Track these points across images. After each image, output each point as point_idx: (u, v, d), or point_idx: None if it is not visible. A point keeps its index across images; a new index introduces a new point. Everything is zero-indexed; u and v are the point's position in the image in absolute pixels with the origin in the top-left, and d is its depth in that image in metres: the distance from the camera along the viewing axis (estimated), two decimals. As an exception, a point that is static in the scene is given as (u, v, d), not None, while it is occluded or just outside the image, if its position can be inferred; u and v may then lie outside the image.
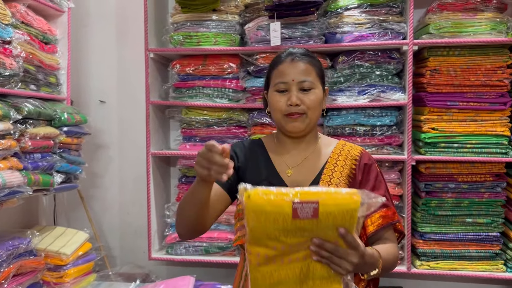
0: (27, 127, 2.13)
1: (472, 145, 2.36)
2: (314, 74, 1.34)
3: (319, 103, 1.33)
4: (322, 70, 1.39)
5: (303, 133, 1.37)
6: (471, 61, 2.37)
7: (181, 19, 2.60)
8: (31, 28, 2.33)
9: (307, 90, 1.32)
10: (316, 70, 1.35)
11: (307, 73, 1.32)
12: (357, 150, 1.39)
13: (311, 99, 1.31)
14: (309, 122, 1.33)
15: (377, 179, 1.35)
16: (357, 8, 2.44)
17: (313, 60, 1.36)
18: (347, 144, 1.42)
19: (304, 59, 1.34)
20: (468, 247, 2.41)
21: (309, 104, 1.31)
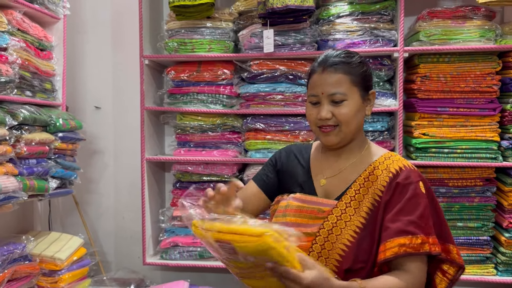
0: (22, 133, 2.15)
1: (462, 150, 2.40)
2: (348, 84, 1.26)
3: (353, 114, 1.26)
4: (360, 76, 1.29)
5: (340, 145, 1.32)
6: (460, 67, 2.41)
7: (176, 26, 2.63)
8: (27, 35, 2.35)
9: (339, 103, 1.26)
10: (351, 78, 1.27)
11: (338, 84, 1.25)
12: (396, 166, 1.27)
13: (342, 112, 1.25)
14: (344, 135, 1.28)
15: (410, 201, 1.22)
16: (348, 16, 2.48)
17: (347, 67, 1.27)
18: (392, 157, 1.31)
19: (336, 68, 1.26)
20: (459, 251, 2.44)
21: (341, 118, 1.25)
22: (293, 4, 2.29)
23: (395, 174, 1.26)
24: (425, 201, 1.23)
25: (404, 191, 1.23)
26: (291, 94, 2.53)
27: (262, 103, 2.57)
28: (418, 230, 1.19)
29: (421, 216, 1.21)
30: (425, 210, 1.22)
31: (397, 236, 1.18)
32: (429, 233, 1.21)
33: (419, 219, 1.20)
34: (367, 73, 1.33)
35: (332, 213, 1.27)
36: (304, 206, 1.32)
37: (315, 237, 1.26)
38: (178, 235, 2.69)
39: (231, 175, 2.64)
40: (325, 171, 1.36)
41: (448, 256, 1.28)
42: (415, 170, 1.29)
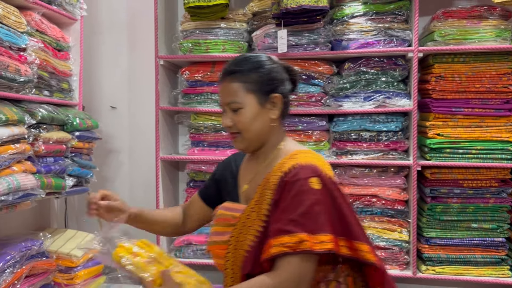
0: (40, 131, 2.19)
1: (477, 150, 2.38)
2: (242, 92, 1.28)
3: (250, 121, 1.28)
4: (256, 82, 1.29)
5: (250, 150, 1.35)
6: (476, 67, 2.40)
7: (190, 27, 2.66)
8: (45, 35, 2.39)
9: (237, 111, 1.29)
10: (246, 86, 1.28)
11: (233, 93, 1.28)
12: (290, 164, 1.24)
13: (239, 120, 1.28)
14: (248, 142, 1.31)
15: (294, 199, 1.18)
16: (363, 16, 2.49)
17: (240, 75, 1.29)
18: (294, 156, 1.29)
19: (230, 77, 1.29)
20: (473, 252, 2.42)
21: (239, 125, 1.29)
22: (307, 4, 2.30)
23: (286, 172, 1.23)
24: (313, 197, 1.17)
25: (290, 189, 1.20)
26: (305, 94, 2.54)
27: (275, 103, 2.58)
28: (296, 228, 1.15)
29: (305, 213, 1.16)
30: (313, 206, 1.17)
31: (276, 235, 1.16)
32: (314, 230, 1.15)
33: (301, 217, 1.16)
34: (267, 78, 1.31)
35: (240, 219, 1.28)
36: (224, 214, 1.34)
37: (228, 245, 1.29)
38: (191, 234, 2.71)
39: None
40: (246, 177, 1.39)
41: (355, 254, 1.20)
42: (310, 167, 1.22)
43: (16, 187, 1.96)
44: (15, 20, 2.10)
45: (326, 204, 1.19)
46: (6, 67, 2.01)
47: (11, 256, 2.08)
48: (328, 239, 1.15)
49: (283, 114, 1.36)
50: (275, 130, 1.34)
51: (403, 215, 2.49)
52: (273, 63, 1.34)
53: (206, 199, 1.52)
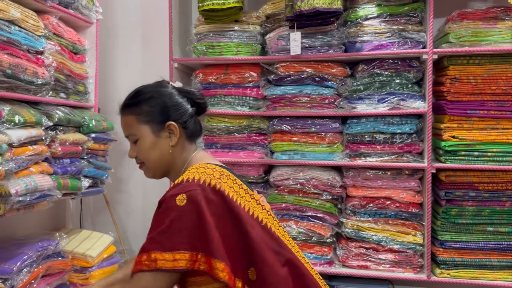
0: (57, 133, 2.22)
1: (493, 153, 2.36)
2: (135, 124, 1.34)
3: (147, 151, 1.34)
4: (149, 113, 1.33)
5: (157, 177, 1.41)
6: (491, 69, 2.37)
7: (204, 30, 2.68)
8: (62, 39, 2.43)
9: (136, 142, 1.36)
10: (138, 118, 1.34)
11: (127, 127, 1.37)
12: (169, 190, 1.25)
13: (139, 150, 1.35)
14: (153, 170, 1.38)
15: (156, 217, 1.22)
16: (376, 17, 2.48)
17: (132, 109, 1.35)
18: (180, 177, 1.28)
19: (125, 111, 1.38)
20: (489, 256, 2.39)
21: (140, 155, 1.36)
22: (321, 6, 2.30)
23: (164, 195, 1.25)
24: (175, 214, 1.18)
25: (159, 208, 1.23)
26: (318, 96, 2.54)
27: (288, 105, 2.58)
28: (152, 246, 1.17)
29: (163, 231, 1.17)
30: (171, 224, 1.17)
31: (139, 254, 1.20)
32: (171, 248, 1.16)
33: (159, 235, 1.18)
34: (158, 108, 1.34)
35: None
36: None
37: None
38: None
39: (257, 176, 2.67)
40: None
41: (210, 271, 1.18)
42: (183, 184, 1.22)
43: (33, 187, 1.99)
44: (33, 23, 2.14)
45: (188, 220, 1.18)
46: (24, 69, 2.04)
47: (28, 256, 2.11)
48: (183, 257, 1.16)
49: (190, 136, 1.39)
50: (177, 154, 1.37)
51: (417, 218, 2.48)
52: (170, 90, 1.38)
53: None
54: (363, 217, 2.51)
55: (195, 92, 1.43)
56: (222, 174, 1.29)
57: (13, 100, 2.06)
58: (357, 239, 2.51)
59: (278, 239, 1.27)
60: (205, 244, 1.18)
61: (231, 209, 1.23)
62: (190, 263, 1.16)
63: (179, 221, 1.17)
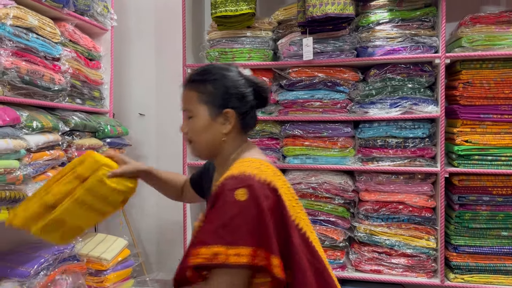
0: (73, 138, 2.26)
1: (507, 157, 2.34)
2: (195, 101, 1.29)
3: (199, 131, 1.30)
4: (211, 94, 1.29)
5: (203, 158, 1.39)
6: (505, 73, 2.36)
7: (217, 36, 2.71)
8: (77, 45, 2.47)
9: (190, 118, 1.32)
10: (199, 96, 1.29)
11: (187, 101, 1.32)
12: (225, 176, 1.22)
13: (190, 128, 1.32)
14: (198, 150, 1.35)
15: (217, 210, 1.16)
16: (388, 22, 2.48)
17: (196, 85, 1.31)
18: (233, 168, 1.25)
19: (189, 85, 1.33)
20: (503, 261, 2.37)
21: (191, 134, 1.33)
22: (333, 12, 2.32)
23: (219, 186, 1.20)
24: (237, 209, 1.15)
25: (217, 201, 1.18)
26: (330, 101, 2.55)
27: (300, 109, 2.60)
28: (214, 240, 1.13)
29: (225, 225, 1.14)
30: (233, 219, 1.14)
31: (197, 246, 1.15)
32: (233, 243, 1.13)
33: (221, 228, 1.14)
34: (222, 91, 1.29)
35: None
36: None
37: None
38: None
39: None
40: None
41: (268, 266, 1.16)
42: (241, 177, 1.19)
43: (50, 192, 2.03)
44: (50, 31, 2.19)
45: (249, 216, 1.15)
46: (41, 76, 2.09)
47: (45, 259, 2.15)
48: (245, 252, 1.12)
49: (244, 127, 1.34)
50: (228, 142, 1.33)
51: (430, 222, 2.47)
52: (237, 77, 1.32)
53: (195, 188, 1.63)
54: (375, 222, 2.51)
55: (262, 85, 1.36)
56: (275, 173, 1.28)
57: (31, 106, 2.11)
58: (370, 243, 2.51)
59: (313, 248, 1.27)
60: (265, 240, 1.16)
61: (282, 209, 1.21)
62: (251, 258, 1.13)
63: (240, 216, 1.14)
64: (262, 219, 1.15)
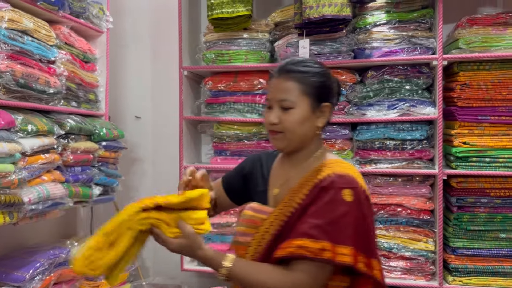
0: (69, 141, 2.24)
1: (504, 159, 2.35)
2: (298, 92, 1.26)
3: (299, 123, 1.26)
4: (314, 86, 1.28)
5: (289, 150, 1.33)
6: (502, 75, 2.36)
7: (214, 38, 2.70)
8: (73, 48, 2.45)
9: (287, 110, 1.26)
10: (302, 88, 1.26)
11: (288, 92, 1.26)
12: (325, 172, 1.24)
13: (288, 119, 1.26)
14: (289, 142, 1.29)
15: (325, 205, 1.18)
16: (385, 24, 2.48)
17: (300, 76, 1.27)
18: (329, 165, 1.28)
19: (288, 75, 1.27)
20: (502, 263, 2.37)
21: (286, 124, 1.26)
22: (330, 14, 2.31)
23: (321, 180, 1.23)
24: (345, 208, 1.18)
25: (323, 196, 1.20)
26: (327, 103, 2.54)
27: (298, 112, 2.59)
28: (321, 235, 1.15)
29: (333, 222, 1.16)
30: (341, 217, 1.17)
31: (299, 237, 1.16)
32: (339, 241, 1.15)
33: (328, 225, 1.16)
34: (324, 85, 1.30)
35: (267, 219, 1.27)
36: (252, 216, 1.32)
37: (248, 246, 1.28)
38: (214, 242, 2.73)
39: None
40: (278, 180, 1.36)
41: (369, 271, 1.20)
42: (346, 177, 1.22)
43: (46, 196, 2.01)
44: (45, 33, 2.17)
45: (355, 217, 1.18)
46: (36, 79, 2.07)
47: (40, 264, 2.14)
48: (349, 253, 1.15)
49: (328, 123, 1.36)
50: (316, 138, 1.33)
51: (428, 224, 2.46)
52: (329, 73, 1.34)
53: (228, 191, 1.49)
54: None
55: (340, 85, 1.41)
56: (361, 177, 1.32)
57: (26, 109, 2.09)
58: (368, 246, 2.50)
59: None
60: (366, 243, 1.20)
61: (372, 214, 1.29)
62: (353, 259, 1.15)
63: (348, 216, 1.17)
64: (365, 222, 1.21)
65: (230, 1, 2.50)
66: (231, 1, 2.50)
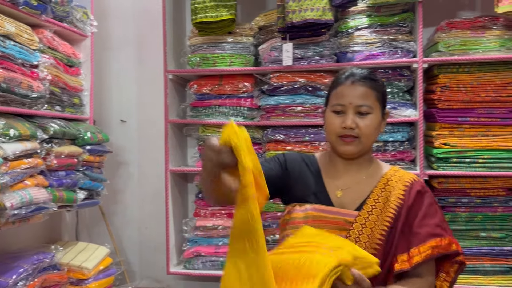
0: (52, 146, 2.24)
1: (484, 160, 2.39)
2: (373, 99, 1.32)
3: (374, 128, 1.33)
4: (383, 94, 1.37)
5: (356, 156, 1.36)
6: (480, 77, 2.42)
7: (198, 42, 2.72)
8: (56, 52, 2.45)
9: (364, 115, 1.31)
10: (376, 94, 1.33)
11: (366, 97, 1.31)
12: (409, 177, 1.36)
13: (366, 124, 1.30)
14: (363, 147, 1.33)
15: (431, 207, 1.32)
16: (367, 28, 2.53)
17: (374, 84, 1.34)
18: (400, 171, 1.39)
19: (365, 82, 1.32)
20: (482, 261, 2.42)
21: (364, 129, 1.30)
22: (312, 18, 2.35)
23: (411, 183, 1.35)
24: (439, 208, 1.36)
25: (423, 199, 1.32)
26: (311, 106, 2.58)
27: (282, 114, 2.62)
28: (444, 232, 1.29)
29: (442, 220, 1.32)
30: (442, 214, 1.34)
31: (428, 239, 1.27)
32: (451, 234, 1.32)
33: (442, 223, 1.31)
34: (386, 93, 1.41)
35: (357, 222, 1.31)
36: (326, 217, 1.33)
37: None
38: (201, 245, 2.74)
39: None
40: (339, 183, 1.39)
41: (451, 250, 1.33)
42: (421, 181, 1.38)
43: (28, 200, 2.01)
44: (27, 38, 2.17)
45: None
46: (19, 83, 2.07)
47: (24, 269, 2.12)
48: (457, 242, 1.32)
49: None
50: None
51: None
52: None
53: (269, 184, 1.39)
54: (357, 225, 2.53)
55: None
56: None
57: (8, 114, 2.08)
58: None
59: None
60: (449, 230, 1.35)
61: None
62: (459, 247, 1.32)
63: (443, 214, 1.36)
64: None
65: (214, 6, 2.52)
66: (215, 5, 2.52)
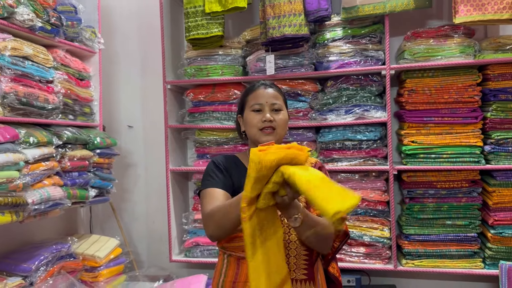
0: (66, 150, 2.54)
1: (448, 155, 2.63)
2: (282, 100, 1.65)
3: (286, 122, 1.63)
4: (286, 99, 1.71)
5: (278, 143, 1.59)
6: (444, 81, 2.65)
7: (193, 55, 3.02)
8: (69, 68, 2.74)
9: (278, 111, 1.61)
10: (283, 97, 1.68)
11: (277, 98, 1.63)
12: (314, 160, 1.68)
13: (280, 118, 1.60)
14: (279, 137, 1.61)
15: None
16: (342, 39, 2.78)
17: (280, 90, 1.70)
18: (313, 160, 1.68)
19: (274, 87, 1.67)
20: (449, 246, 2.66)
21: (279, 122, 1.60)
22: (290, 33, 2.63)
23: (315, 162, 1.66)
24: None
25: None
26: (293, 110, 2.85)
27: (269, 118, 2.89)
28: None
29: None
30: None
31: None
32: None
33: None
34: (286, 100, 1.72)
35: None
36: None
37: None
38: (199, 236, 3.05)
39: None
40: None
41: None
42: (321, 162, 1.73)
43: (47, 197, 2.32)
44: (43, 57, 2.48)
45: None
46: (37, 97, 2.39)
47: (44, 257, 2.45)
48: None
49: None
50: None
51: (384, 214, 2.76)
52: None
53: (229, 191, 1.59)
54: (337, 216, 2.79)
55: None
56: None
57: (28, 124, 2.40)
58: (333, 235, 2.80)
59: None
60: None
61: None
62: None
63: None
64: None
65: (205, 24, 2.82)
66: (205, 23, 2.82)
